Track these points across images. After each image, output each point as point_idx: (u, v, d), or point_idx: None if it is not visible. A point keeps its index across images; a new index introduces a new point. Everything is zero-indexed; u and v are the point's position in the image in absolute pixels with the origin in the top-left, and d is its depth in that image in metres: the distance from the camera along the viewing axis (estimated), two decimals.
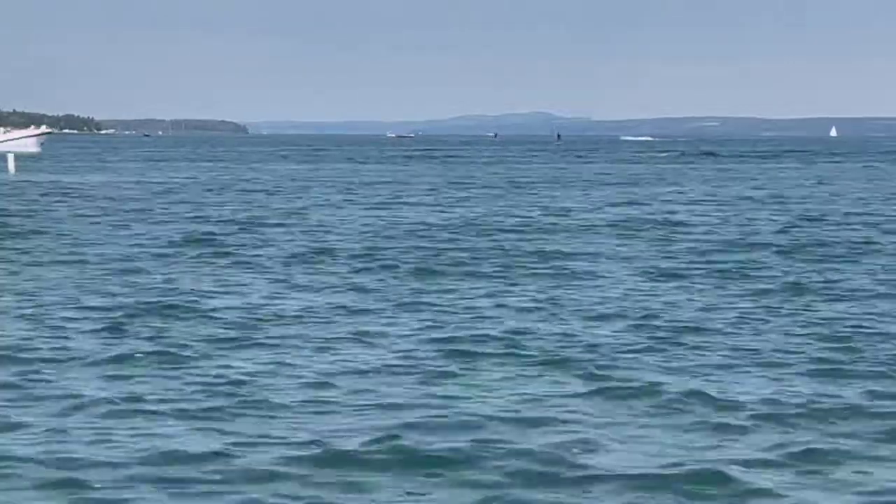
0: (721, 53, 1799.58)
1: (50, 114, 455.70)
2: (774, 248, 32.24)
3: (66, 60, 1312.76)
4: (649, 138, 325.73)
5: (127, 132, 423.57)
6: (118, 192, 60.74)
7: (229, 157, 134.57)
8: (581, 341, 17.97)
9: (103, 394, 14.23)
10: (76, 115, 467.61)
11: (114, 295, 22.87)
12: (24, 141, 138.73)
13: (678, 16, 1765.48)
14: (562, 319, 20.15)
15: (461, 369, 15.90)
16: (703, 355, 16.94)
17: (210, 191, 62.79)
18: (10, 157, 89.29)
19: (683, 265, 28.61)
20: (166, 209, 47.53)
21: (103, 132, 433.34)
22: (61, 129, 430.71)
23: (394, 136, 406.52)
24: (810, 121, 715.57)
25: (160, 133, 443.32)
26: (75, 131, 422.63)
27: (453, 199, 55.59)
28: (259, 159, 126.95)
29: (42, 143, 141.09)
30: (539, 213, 46.21)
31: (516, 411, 13.38)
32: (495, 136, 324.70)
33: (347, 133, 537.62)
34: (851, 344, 17.79)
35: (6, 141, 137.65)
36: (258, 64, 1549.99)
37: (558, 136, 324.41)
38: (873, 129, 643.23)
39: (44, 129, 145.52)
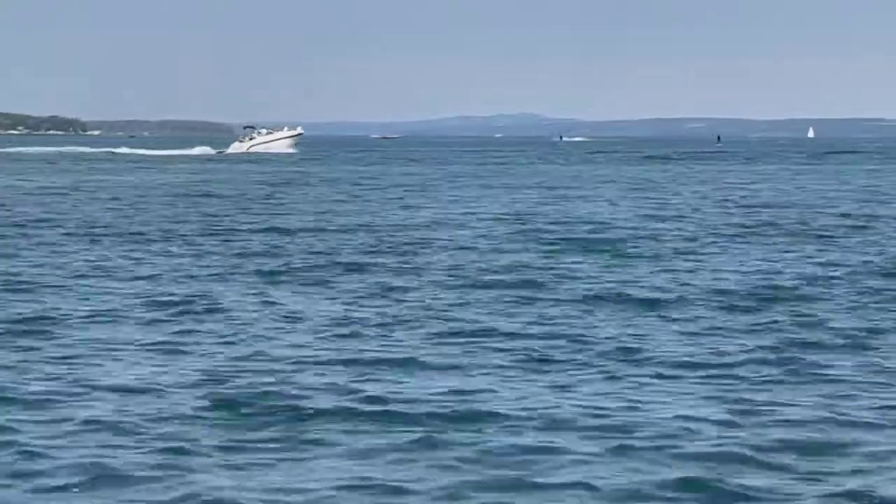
0: (718, 54, 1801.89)
1: (35, 115, 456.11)
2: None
3: (51, 61, 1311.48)
4: (584, 139, 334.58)
5: (120, 133, 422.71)
6: None
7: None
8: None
9: None
10: (61, 116, 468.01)
11: None
12: (282, 143, 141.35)
13: (672, 16, 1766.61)
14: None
15: None
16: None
17: None
18: None
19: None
20: None
21: (89, 133, 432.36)
22: (46, 130, 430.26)
23: (378, 136, 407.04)
24: (798, 121, 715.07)
25: (146, 134, 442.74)
26: (61, 132, 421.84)
27: None
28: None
29: (296, 144, 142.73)
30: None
31: None
32: (560, 138, 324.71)
33: (333, 134, 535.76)
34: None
35: (268, 142, 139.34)
36: (242, 64, 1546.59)
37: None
38: (866, 130, 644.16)
39: (299, 130, 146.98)
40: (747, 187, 65.35)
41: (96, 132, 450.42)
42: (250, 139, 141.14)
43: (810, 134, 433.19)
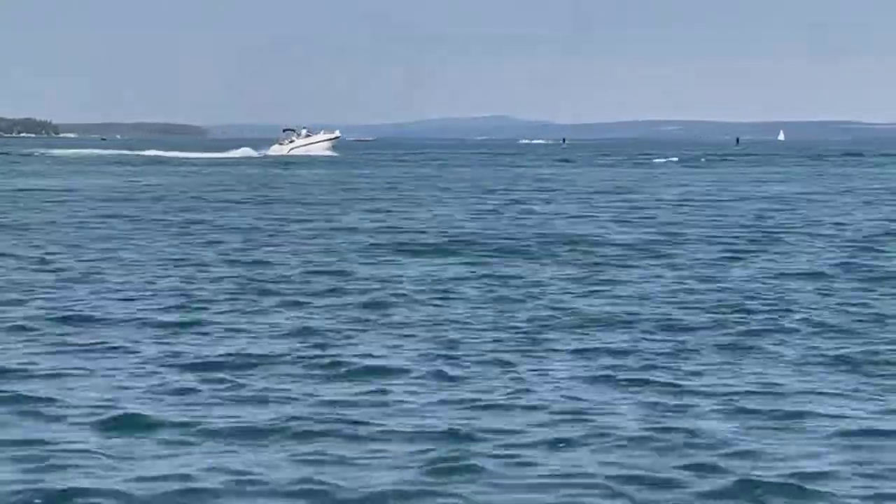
0: (688, 56, 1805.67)
1: (8, 117, 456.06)
2: None
3: (21, 63, 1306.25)
4: (546, 141, 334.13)
5: (94, 136, 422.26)
6: None
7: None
8: None
9: None
10: (34, 118, 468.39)
11: None
12: (320, 145, 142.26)
13: (642, 19, 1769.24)
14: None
15: None
16: None
17: None
18: None
19: None
20: None
21: (63, 136, 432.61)
22: (19, 133, 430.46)
23: (353, 139, 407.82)
24: (770, 124, 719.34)
25: (118, 136, 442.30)
26: (32, 135, 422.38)
27: None
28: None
29: (334, 147, 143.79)
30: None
31: None
32: (563, 141, 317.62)
33: None
34: None
35: (308, 145, 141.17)
36: (214, 67, 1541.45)
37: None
38: (837, 133, 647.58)
39: (336, 133, 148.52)
40: None
41: (71, 134, 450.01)
42: (290, 142, 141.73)
43: (780, 137, 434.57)
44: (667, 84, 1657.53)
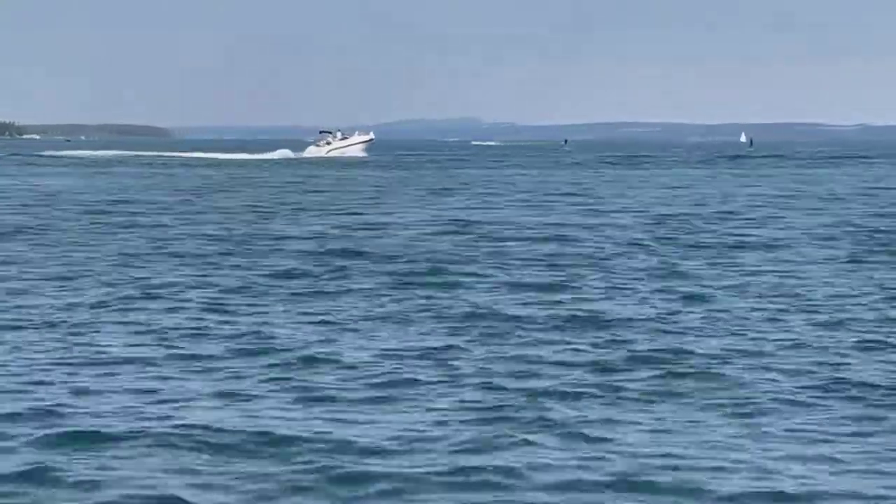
0: (654, 57, 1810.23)
1: None
2: None
3: None
4: (496, 143, 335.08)
5: (59, 136, 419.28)
6: None
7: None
8: None
9: None
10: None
11: None
12: (356, 147, 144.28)
13: (622, 17, 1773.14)
14: None
15: None
16: None
17: None
18: None
19: None
20: None
21: (25, 137, 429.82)
22: None
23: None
24: (734, 126, 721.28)
25: (83, 137, 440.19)
26: None
27: None
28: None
29: (367, 149, 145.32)
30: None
31: None
32: (565, 142, 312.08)
33: (279, 139, 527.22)
34: None
35: (342, 147, 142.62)
36: (177, 67, 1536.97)
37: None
38: (801, 135, 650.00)
39: (371, 135, 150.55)
40: None
41: (35, 136, 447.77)
42: (327, 143, 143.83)
43: (742, 138, 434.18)
44: (630, 88, 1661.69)
